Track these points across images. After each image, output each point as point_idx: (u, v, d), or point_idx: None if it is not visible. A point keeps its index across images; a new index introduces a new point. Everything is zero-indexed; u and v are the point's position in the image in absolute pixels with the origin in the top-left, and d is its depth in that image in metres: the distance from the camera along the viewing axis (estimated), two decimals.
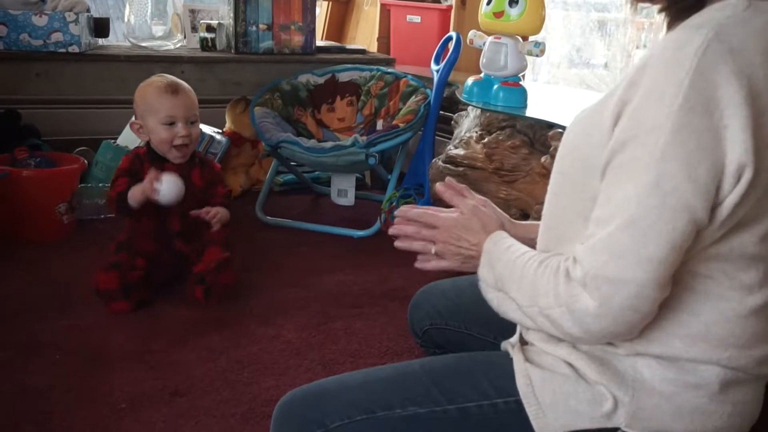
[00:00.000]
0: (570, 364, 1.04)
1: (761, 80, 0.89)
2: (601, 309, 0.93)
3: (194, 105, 2.12)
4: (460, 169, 2.34)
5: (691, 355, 0.99)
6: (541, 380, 1.04)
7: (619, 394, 1.00)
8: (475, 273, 1.16)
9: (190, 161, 2.14)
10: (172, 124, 2.05)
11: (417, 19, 3.72)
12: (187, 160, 2.12)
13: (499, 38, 2.40)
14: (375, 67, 3.08)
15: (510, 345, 1.12)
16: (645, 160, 0.89)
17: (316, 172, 3.17)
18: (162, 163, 2.08)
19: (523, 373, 1.06)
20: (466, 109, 2.70)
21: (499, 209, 1.28)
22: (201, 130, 2.88)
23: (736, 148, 0.88)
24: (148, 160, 2.10)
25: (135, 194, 2.00)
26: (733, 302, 0.98)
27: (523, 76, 2.61)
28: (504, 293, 1.08)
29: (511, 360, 1.08)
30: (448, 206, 1.27)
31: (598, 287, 0.93)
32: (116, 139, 2.91)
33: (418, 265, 1.29)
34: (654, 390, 1.00)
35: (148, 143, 2.14)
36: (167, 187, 1.98)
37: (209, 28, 3.29)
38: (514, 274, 1.07)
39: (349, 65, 3.09)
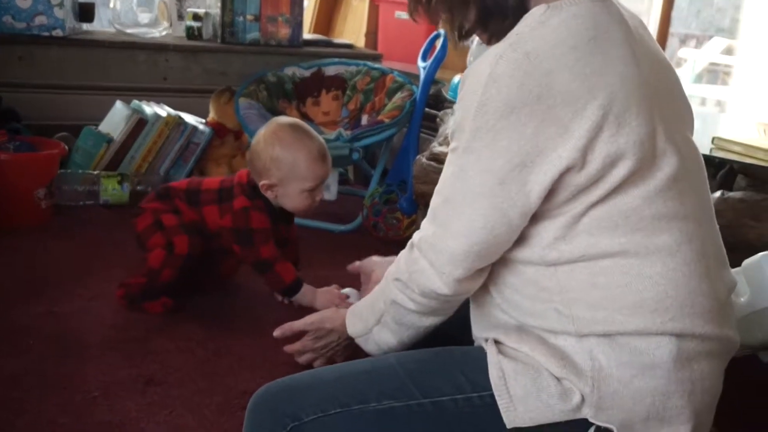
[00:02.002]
0: (536, 360, 1.05)
1: (563, 70, 0.97)
2: (431, 269, 1.10)
3: None
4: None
5: (634, 327, 1.01)
6: (513, 373, 1.05)
7: (582, 387, 1.01)
8: None
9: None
10: (313, 190, 1.88)
11: (405, 15, 3.70)
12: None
13: (488, 45, 2.39)
14: (362, 62, 3.08)
15: (484, 339, 1.13)
16: (457, 151, 1.05)
17: None
18: (279, 220, 1.93)
19: (496, 365, 1.06)
20: (451, 107, 2.70)
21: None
22: (184, 119, 2.87)
23: (541, 142, 0.98)
24: (267, 214, 1.89)
25: (305, 301, 1.90)
26: (658, 266, 1.01)
27: None
28: (383, 325, 1.26)
29: (486, 354, 1.08)
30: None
31: (427, 250, 1.10)
32: (98, 125, 2.88)
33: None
34: (612, 377, 1.01)
35: (257, 193, 1.89)
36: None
37: (196, 17, 3.27)
38: (373, 294, 1.28)
39: (335, 59, 3.08)
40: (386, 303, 1.22)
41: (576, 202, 1.01)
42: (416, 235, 1.14)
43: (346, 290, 1.88)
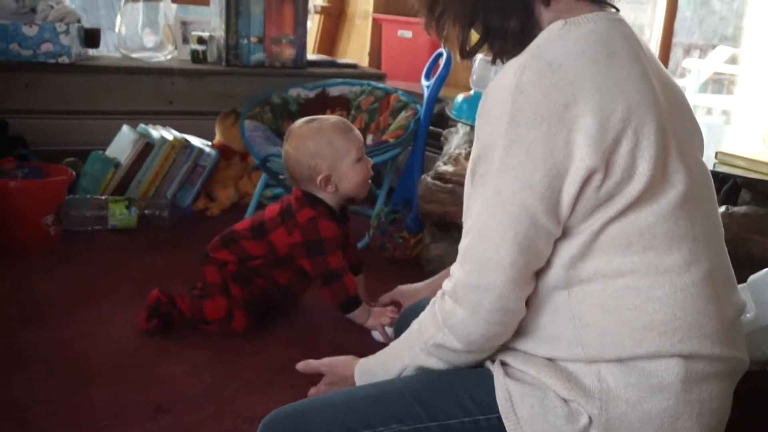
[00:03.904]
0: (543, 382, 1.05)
1: (586, 80, 0.97)
2: (474, 316, 1.05)
3: None
4: (449, 185, 2.34)
5: (644, 350, 1.01)
6: (520, 395, 1.05)
7: (589, 409, 1.01)
8: None
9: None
10: (360, 159, 1.89)
11: (408, 34, 3.72)
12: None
13: (493, 64, 2.41)
14: (366, 81, 3.09)
15: (491, 361, 1.13)
16: (488, 176, 1.01)
17: None
18: (342, 223, 1.95)
19: (502, 388, 1.06)
20: (455, 126, 2.71)
21: None
22: (190, 142, 2.89)
23: (572, 152, 0.97)
24: (333, 220, 1.90)
25: (359, 319, 1.89)
26: (666, 287, 1.01)
27: None
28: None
29: (492, 376, 1.09)
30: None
31: (466, 296, 1.05)
32: (105, 150, 2.90)
33: None
34: (620, 398, 1.01)
35: (317, 200, 1.90)
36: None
37: (200, 40, 3.29)
38: (391, 349, 1.23)
39: (339, 79, 3.10)
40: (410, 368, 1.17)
41: (593, 218, 1.01)
42: (446, 285, 1.10)
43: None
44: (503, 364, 1.11)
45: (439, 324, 1.09)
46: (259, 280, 1.95)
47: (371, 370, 1.25)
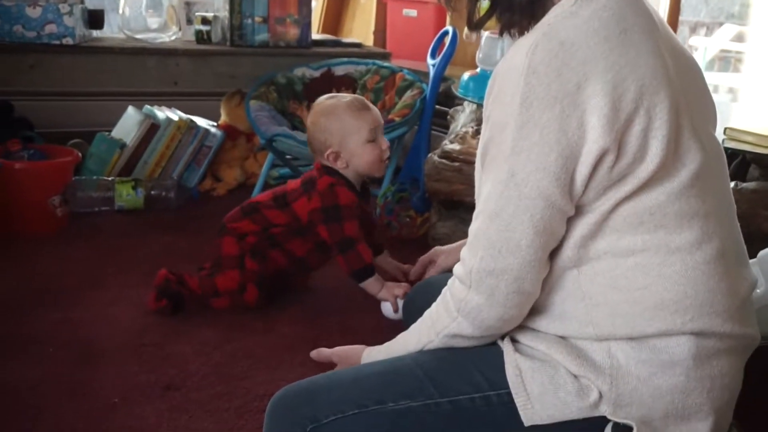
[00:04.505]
0: (553, 358, 1.04)
1: (599, 60, 0.95)
2: (490, 300, 1.03)
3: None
4: (456, 164, 2.34)
5: (655, 329, 1.00)
6: (530, 371, 1.05)
7: (600, 384, 1.01)
8: None
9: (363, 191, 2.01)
10: (374, 139, 1.90)
11: (413, 13, 3.70)
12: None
13: (496, 33, 2.39)
14: (371, 61, 3.08)
15: (500, 338, 1.12)
16: (500, 158, 0.99)
17: (311, 166, 3.16)
18: (361, 198, 1.96)
19: (512, 364, 1.06)
20: (462, 104, 2.70)
21: None
22: (196, 123, 2.89)
23: (585, 133, 0.95)
24: (351, 190, 1.92)
25: (372, 288, 1.90)
26: (677, 266, 1.00)
27: None
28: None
29: (502, 352, 1.08)
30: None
31: (481, 280, 1.03)
32: (110, 131, 2.90)
33: None
34: (631, 374, 1.00)
35: (336, 172, 1.93)
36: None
37: (204, 21, 3.28)
38: (400, 340, 1.21)
39: (344, 59, 3.08)
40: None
41: (604, 198, 1.00)
42: (458, 271, 1.08)
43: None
44: (513, 340, 1.10)
45: (453, 313, 1.08)
46: (277, 253, 1.97)
47: (375, 357, 1.25)
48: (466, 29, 1.18)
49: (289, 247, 1.97)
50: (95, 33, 3.21)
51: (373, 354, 1.26)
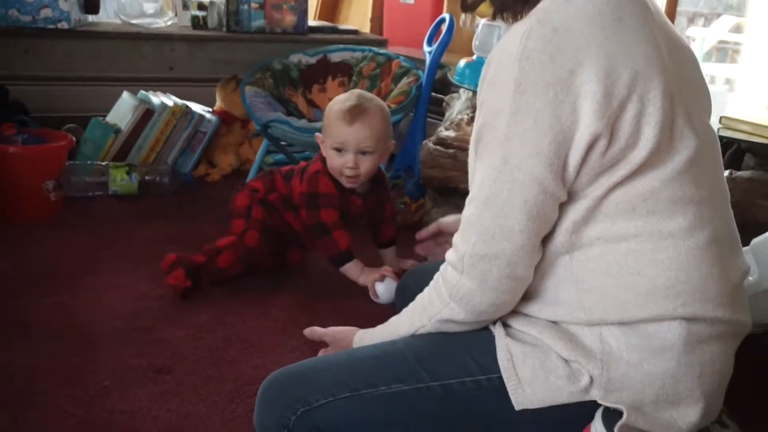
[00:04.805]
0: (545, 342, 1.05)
1: (593, 46, 0.96)
2: (482, 285, 1.04)
3: (372, 136, 1.89)
4: (451, 151, 2.33)
5: (646, 314, 1.00)
6: (521, 355, 1.05)
7: (591, 369, 1.01)
8: None
9: (372, 187, 2.04)
10: (340, 150, 1.90)
11: (410, 0, 3.69)
12: (368, 188, 2.03)
13: (492, 20, 2.39)
14: (367, 47, 3.06)
15: (492, 323, 1.12)
16: (494, 143, 1.00)
17: (307, 152, 3.16)
18: (348, 191, 1.98)
19: (504, 348, 1.06)
20: (458, 92, 2.69)
21: None
22: (191, 108, 2.87)
23: (578, 118, 0.96)
24: (336, 184, 1.96)
25: (349, 272, 1.96)
26: (669, 251, 1.01)
27: None
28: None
29: (494, 337, 1.09)
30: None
31: (474, 266, 1.03)
32: (105, 116, 2.89)
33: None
34: (622, 359, 1.01)
35: (324, 161, 1.98)
36: (386, 291, 1.89)
37: (201, 6, 3.26)
38: (392, 324, 1.22)
39: (341, 46, 3.07)
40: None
41: (597, 184, 1.00)
42: (450, 256, 1.08)
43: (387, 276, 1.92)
44: (505, 325, 1.11)
45: (445, 298, 1.09)
46: (277, 218, 2.05)
47: (368, 340, 1.26)
48: (462, 16, 1.17)
49: (286, 218, 2.05)
50: (91, 18, 3.19)
51: (365, 337, 1.27)
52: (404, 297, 1.51)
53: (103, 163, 2.68)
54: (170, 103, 2.85)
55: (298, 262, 2.17)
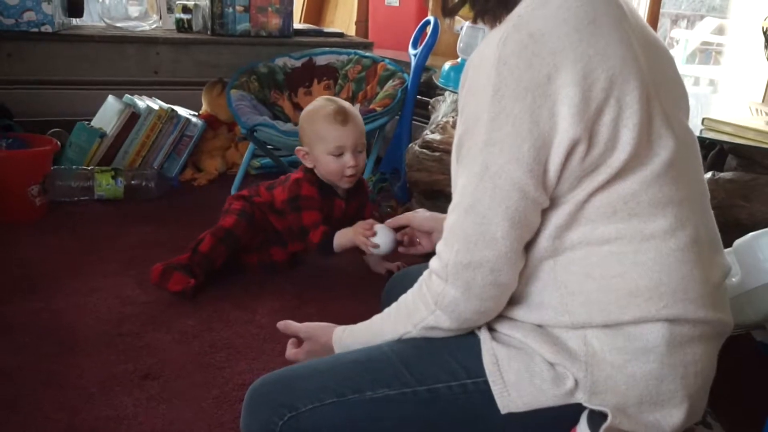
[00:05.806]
0: (529, 346, 1.05)
1: (568, 50, 0.96)
2: (467, 293, 1.03)
3: (363, 133, 2.01)
4: (437, 154, 2.34)
5: (630, 316, 1.01)
6: (507, 359, 1.05)
7: (575, 372, 1.02)
8: None
9: (352, 189, 2.08)
10: (341, 154, 1.96)
11: (395, 2, 3.70)
12: (349, 191, 2.07)
13: (477, 23, 2.39)
14: (353, 50, 3.07)
15: (478, 327, 1.13)
16: (474, 150, 0.99)
17: (293, 156, 3.16)
18: (331, 194, 2.05)
19: (489, 352, 1.07)
20: (443, 94, 2.70)
21: None
22: (177, 112, 2.87)
23: (556, 123, 0.96)
24: (316, 187, 2.02)
25: (342, 244, 1.95)
26: (651, 253, 1.01)
27: None
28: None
29: (479, 341, 1.09)
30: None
31: (458, 274, 1.03)
32: (90, 120, 2.88)
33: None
34: (605, 361, 1.01)
35: (311, 170, 2.04)
36: (384, 238, 1.83)
37: (185, 9, 3.26)
38: (374, 326, 1.21)
39: (326, 49, 3.08)
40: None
41: (579, 189, 1.00)
42: (434, 264, 1.07)
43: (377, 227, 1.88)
44: (491, 329, 1.11)
45: (431, 306, 1.08)
46: (258, 213, 2.12)
47: (350, 347, 1.23)
48: (446, 19, 1.18)
49: (269, 218, 2.13)
50: (75, 21, 3.19)
51: (344, 336, 1.26)
52: (390, 300, 1.51)
53: (89, 168, 2.67)
54: (156, 107, 2.85)
55: (284, 261, 2.17)
